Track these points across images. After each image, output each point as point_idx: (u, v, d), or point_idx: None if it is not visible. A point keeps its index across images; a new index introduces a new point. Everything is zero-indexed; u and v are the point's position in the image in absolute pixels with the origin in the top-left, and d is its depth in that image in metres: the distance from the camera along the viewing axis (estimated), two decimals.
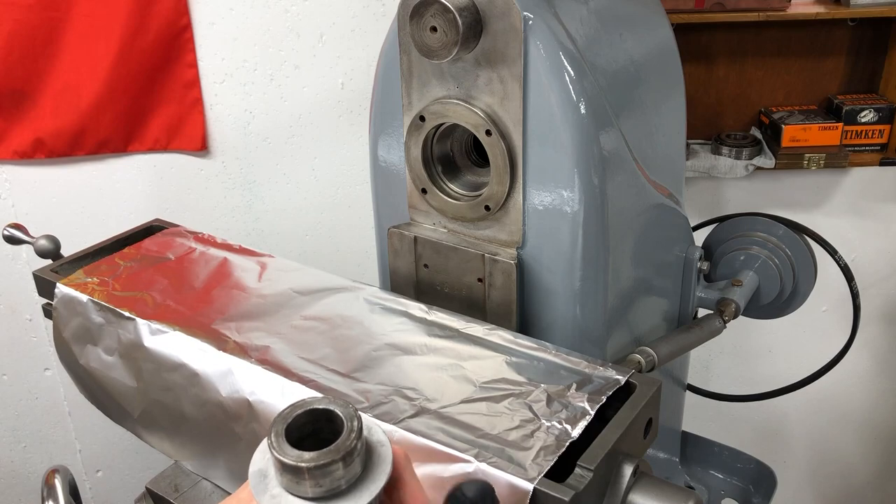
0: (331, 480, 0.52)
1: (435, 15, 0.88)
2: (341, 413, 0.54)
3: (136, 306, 1.00)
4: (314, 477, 0.51)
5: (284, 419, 0.54)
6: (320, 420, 0.55)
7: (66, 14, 1.73)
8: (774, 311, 1.39)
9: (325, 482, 0.51)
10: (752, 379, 2.24)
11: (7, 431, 2.16)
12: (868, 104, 1.85)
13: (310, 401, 0.55)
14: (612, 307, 1.01)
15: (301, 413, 0.54)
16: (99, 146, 1.86)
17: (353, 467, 0.53)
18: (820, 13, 1.74)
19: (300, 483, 0.52)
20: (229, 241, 1.17)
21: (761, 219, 1.34)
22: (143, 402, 0.97)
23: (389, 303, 0.99)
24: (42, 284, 1.11)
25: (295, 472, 0.51)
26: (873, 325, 2.17)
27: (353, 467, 0.53)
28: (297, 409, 0.55)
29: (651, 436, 0.82)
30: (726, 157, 1.88)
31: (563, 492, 0.68)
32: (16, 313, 2.03)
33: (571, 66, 0.89)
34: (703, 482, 1.48)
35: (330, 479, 0.52)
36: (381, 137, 1.07)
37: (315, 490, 0.52)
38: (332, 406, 0.55)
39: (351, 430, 0.53)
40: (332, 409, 0.55)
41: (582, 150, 0.91)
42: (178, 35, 1.79)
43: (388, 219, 1.10)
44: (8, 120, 1.81)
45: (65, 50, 1.76)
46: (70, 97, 1.79)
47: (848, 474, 2.42)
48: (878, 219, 2.07)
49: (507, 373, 0.85)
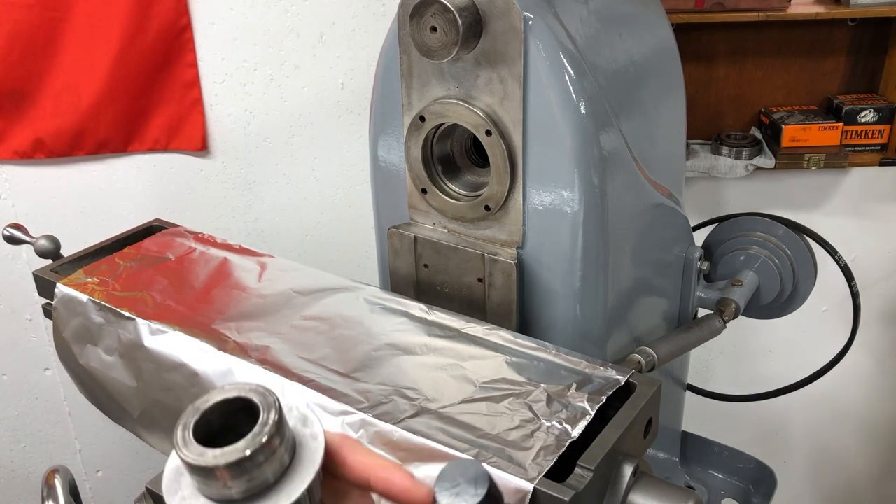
0: (243, 481, 0.45)
1: (435, 15, 0.88)
2: (259, 402, 0.47)
3: (136, 306, 1.00)
4: (223, 477, 0.45)
5: (195, 411, 0.47)
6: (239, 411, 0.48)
7: (66, 14, 1.73)
8: (774, 311, 1.39)
9: (234, 483, 0.45)
10: (752, 379, 2.25)
11: (7, 431, 2.16)
12: (868, 104, 1.85)
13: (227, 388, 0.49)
14: (612, 307, 1.01)
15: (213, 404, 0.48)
16: (99, 146, 1.86)
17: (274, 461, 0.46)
18: (820, 13, 1.74)
19: (209, 484, 0.45)
20: (229, 241, 1.17)
21: (761, 219, 1.34)
22: (143, 402, 0.97)
23: (389, 303, 0.99)
24: (42, 284, 1.11)
25: (203, 471, 0.45)
26: (873, 325, 2.17)
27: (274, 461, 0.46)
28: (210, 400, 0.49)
29: (651, 436, 0.82)
30: (726, 157, 1.88)
31: (563, 492, 0.68)
32: (16, 313, 2.03)
33: (571, 66, 0.89)
34: (703, 482, 1.48)
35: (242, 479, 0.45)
36: (381, 137, 1.07)
37: (225, 492, 0.45)
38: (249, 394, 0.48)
39: (265, 422, 0.46)
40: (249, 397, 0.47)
41: (582, 150, 0.91)
42: (178, 35, 1.79)
43: (388, 219, 1.10)
44: (8, 120, 1.80)
45: (65, 50, 1.76)
46: (70, 97, 1.79)
47: (848, 474, 2.42)
48: (878, 219, 2.07)
49: (507, 373, 0.85)
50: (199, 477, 0.45)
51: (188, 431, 0.46)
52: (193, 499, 0.46)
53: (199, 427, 0.47)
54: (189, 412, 0.47)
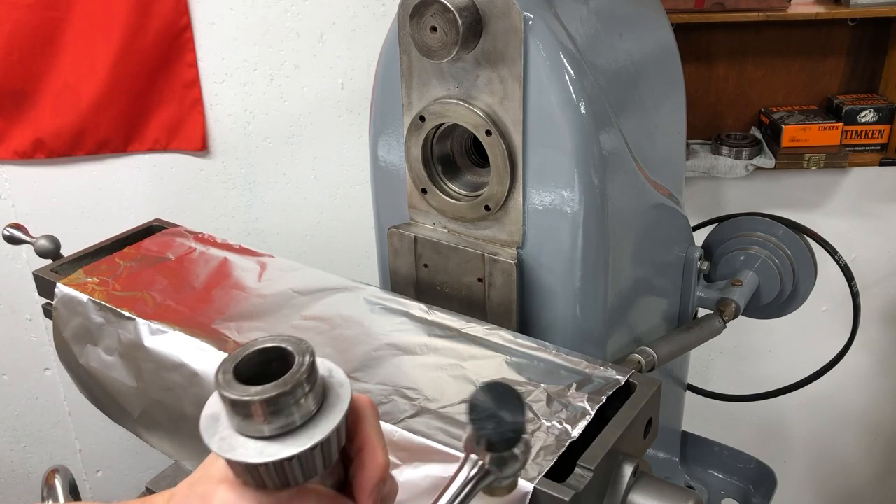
0: (281, 417, 0.48)
1: (435, 15, 0.88)
2: (293, 349, 0.51)
3: (136, 306, 1.00)
4: (263, 412, 0.48)
5: (234, 359, 0.51)
6: (273, 361, 0.51)
7: (66, 14, 1.73)
8: (774, 311, 1.39)
9: (274, 418, 0.48)
10: (752, 379, 2.24)
11: (7, 431, 2.16)
12: (868, 104, 1.85)
13: (261, 340, 0.52)
14: (612, 307, 1.01)
15: (251, 352, 0.51)
16: (99, 146, 1.86)
17: (306, 403, 0.49)
18: (820, 13, 1.74)
19: (249, 420, 0.48)
20: (229, 241, 1.17)
21: (761, 219, 1.34)
22: (143, 401, 0.97)
23: (389, 303, 0.99)
24: (42, 284, 1.11)
25: (243, 407, 0.48)
26: (873, 325, 2.17)
27: (306, 403, 0.49)
28: (248, 348, 0.52)
29: (651, 436, 0.82)
30: (726, 157, 1.88)
31: (563, 492, 0.68)
32: (16, 313, 2.03)
33: (571, 66, 0.89)
34: (703, 482, 1.48)
35: (280, 415, 0.48)
36: (381, 137, 1.07)
37: (264, 427, 0.48)
38: (284, 344, 0.51)
39: (301, 363, 0.49)
40: (284, 346, 0.51)
41: (582, 150, 0.91)
42: (178, 35, 1.79)
43: (388, 219, 1.10)
44: (8, 120, 1.80)
45: (65, 50, 1.76)
46: (70, 97, 1.79)
47: (848, 474, 2.42)
48: (878, 219, 2.07)
49: (507, 373, 0.85)
50: (238, 413, 0.49)
51: (229, 374, 0.49)
52: (231, 437, 0.49)
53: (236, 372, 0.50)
54: (228, 359, 0.51)
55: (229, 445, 0.49)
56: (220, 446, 0.49)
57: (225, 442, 0.49)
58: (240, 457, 0.48)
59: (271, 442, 0.49)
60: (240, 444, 0.49)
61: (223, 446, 0.49)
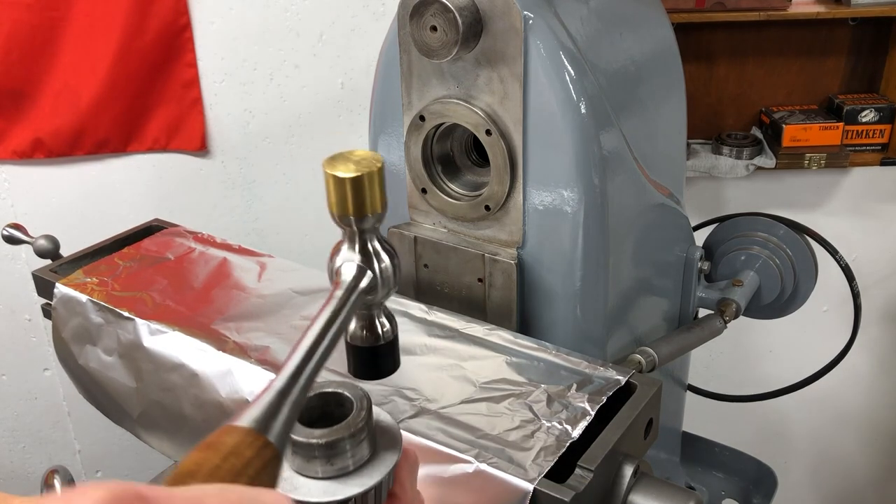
0: (340, 459, 0.51)
1: (435, 14, 0.87)
2: (351, 395, 0.54)
3: (135, 306, 1.00)
4: (325, 455, 0.51)
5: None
6: (330, 404, 0.55)
7: (65, 14, 1.73)
8: (775, 312, 1.39)
9: (335, 460, 0.51)
10: (752, 379, 2.24)
11: (6, 432, 2.16)
12: (869, 104, 1.85)
13: (320, 384, 0.55)
14: (612, 307, 1.01)
15: (311, 396, 0.54)
16: (98, 146, 1.85)
17: (363, 447, 0.53)
18: (821, 13, 1.74)
19: (311, 462, 0.51)
20: (229, 241, 1.17)
21: (762, 219, 1.34)
22: (142, 402, 0.97)
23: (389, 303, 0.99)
24: (41, 284, 1.11)
25: (306, 449, 0.51)
26: (874, 325, 2.17)
27: (363, 447, 0.53)
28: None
29: (651, 436, 0.82)
30: (727, 156, 1.88)
31: (564, 492, 0.67)
32: (15, 313, 2.02)
33: (571, 66, 0.89)
34: (703, 482, 1.48)
35: (339, 457, 0.51)
36: (381, 137, 1.07)
37: (325, 469, 0.51)
38: (342, 389, 0.54)
39: (361, 408, 0.53)
40: (342, 391, 0.54)
41: (582, 150, 0.90)
42: (177, 35, 1.78)
43: (388, 219, 1.10)
44: (7, 120, 1.80)
45: (64, 50, 1.75)
46: (69, 97, 1.79)
47: (848, 474, 2.42)
48: (878, 219, 2.06)
49: (507, 373, 0.84)
50: (300, 454, 0.51)
51: None
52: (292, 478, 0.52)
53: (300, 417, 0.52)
54: None
55: (291, 485, 0.52)
56: (283, 486, 0.52)
57: (287, 482, 0.52)
58: (302, 496, 0.51)
59: (329, 483, 0.52)
60: (301, 484, 0.52)
61: (285, 486, 0.52)
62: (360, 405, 0.53)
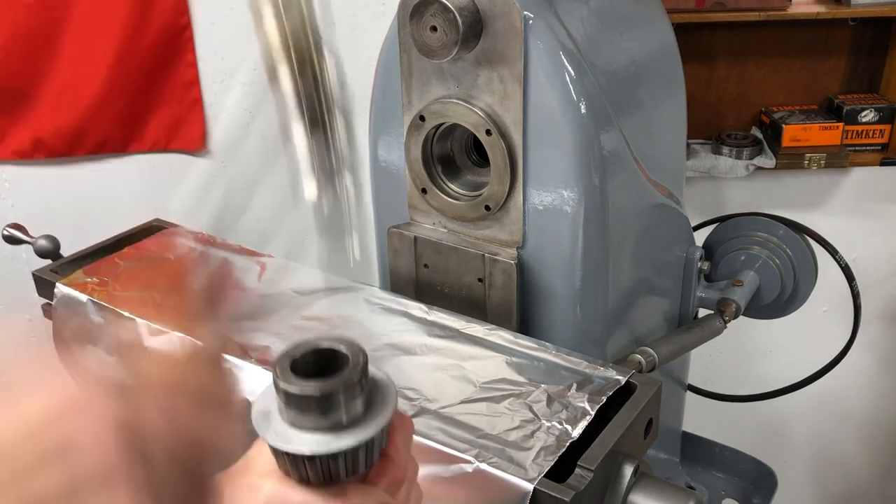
0: (334, 412, 0.51)
1: (435, 14, 0.87)
2: (347, 351, 0.53)
3: (135, 306, 0.99)
4: (319, 407, 0.51)
5: (290, 355, 0.53)
6: (324, 360, 0.54)
7: (65, 14, 1.73)
8: (775, 312, 1.39)
9: (328, 414, 0.51)
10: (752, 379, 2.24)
11: None
12: (869, 104, 1.85)
13: (316, 340, 0.55)
14: (612, 307, 1.01)
15: (308, 350, 0.54)
16: (98, 146, 1.86)
17: (357, 403, 0.52)
18: (821, 13, 1.74)
19: (305, 415, 0.51)
20: (229, 241, 1.17)
21: (762, 219, 1.34)
22: None
23: (389, 303, 0.99)
24: (42, 284, 1.11)
25: (301, 401, 0.51)
26: (874, 325, 2.17)
27: (357, 403, 0.52)
28: (304, 346, 0.54)
29: (651, 436, 0.82)
30: (727, 156, 1.88)
31: (564, 492, 0.68)
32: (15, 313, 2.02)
33: (572, 66, 0.89)
34: (703, 482, 1.48)
35: (334, 410, 0.51)
36: (381, 137, 1.07)
37: (319, 422, 0.51)
38: (338, 345, 0.54)
39: (356, 363, 0.52)
40: (338, 347, 0.54)
41: (582, 150, 0.90)
42: (177, 35, 1.79)
43: (388, 219, 1.10)
44: (8, 120, 1.80)
45: (64, 50, 1.76)
46: (69, 97, 1.79)
47: (849, 475, 2.42)
48: (878, 219, 2.06)
49: (507, 373, 0.84)
50: (294, 407, 0.51)
51: (286, 369, 0.52)
52: (286, 431, 0.52)
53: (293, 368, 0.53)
54: (285, 355, 0.53)
55: (285, 438, 0.51)
56: (276, 439, 0.51)
57: (280, 435, 0.52)
58: (295, 449, 0.51)
59: (321, 435, 0.51)
60: (293, 436, 0.51)
61: (278, 439, 0.51)
62: (356, 360, 0.53)
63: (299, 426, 0.52)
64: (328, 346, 0.54)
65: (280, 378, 0.52)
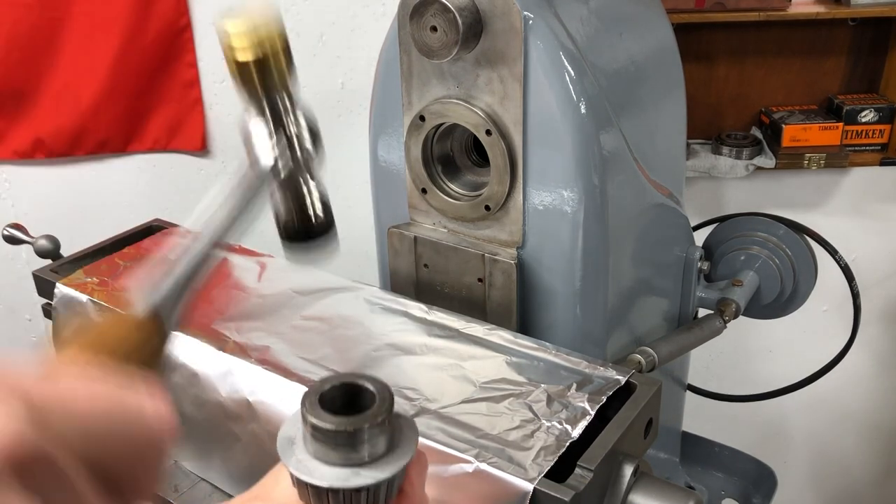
0: (359, 448, 0.52)
1: (435, 14, 0.87)
2: (372, 388, 0.54)
3: None
4: (343, 442, 0.51)
5: (317, 391, 0.54)
6: (350, 395, 0.55)
7: (66, 14, 1.73)
8: (775, 311, 1.39)
9: (353, 449, 0.52)
10: (752, 379, 2.24)
11: None
12: (868, 104, 1.85)
13: (344, 375, 0.56)
14: (612, 307, 1.01)
15: (336, 385, 0.55)
16: (99, 146, 1.86)
17: (381, 441, 0.53)
18: (820, 13, 1.74)
19: (330, 449, 0.52)
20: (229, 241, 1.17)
21: (762, 219, 1.34)
22: None
23: (389, 303, 0.99)
24: (42, 284, 1.11)
25: (325, 435, 0.51)
26: (874, 325, 2.17)
27: (381, 441, 0.53)
28: (330, 381, 0.55)
29: (651, 436, 0.82)
30: (727, 156, 1.88)
31: (564, 492, 0.68)
32: (15, 313, 2.02)
33: (571, 66, 0.89)
34: (703, 482, 1.48)
35: (358, 446, 0.52)
36: (381, 137, 1.07)
37: (342, 457, 0.52)
38: (364, 382, 0.55)
39: (384, 400, 0.53)
40: (364, 384, 0.55)
41: (582, 150, 0.90)
42: (178, 35, 1.79)
43: (388, 219, 1.10)
44: (8, 120, 1.80)
45: (65, 50, 1.76)
46: (70, 97, 1.79)
47: (849, 474, 2.42)
48: (878, 219, 2.06)
49: (507, 373, 0.84)
50: (319, 440, 0.52)
51: (315, 402, 0.53)
52: (308, 461, 0.52)
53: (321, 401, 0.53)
54: (313, 389, 0.54)
55: (307, 469, 0.52)
56: (298, 468, 0.52)
57: (302, 464, 0.52)
58: (316, 480, 0.51)
59: (343, 470, 0.52)
60: (315, 468, 0.52)
61: (301, 468, 0.52)
62: (384, 397, 0.53)
63: (323, 459, 0.52)
64: (355, 382, 0.55)
65: (309, 411, 0.52)
